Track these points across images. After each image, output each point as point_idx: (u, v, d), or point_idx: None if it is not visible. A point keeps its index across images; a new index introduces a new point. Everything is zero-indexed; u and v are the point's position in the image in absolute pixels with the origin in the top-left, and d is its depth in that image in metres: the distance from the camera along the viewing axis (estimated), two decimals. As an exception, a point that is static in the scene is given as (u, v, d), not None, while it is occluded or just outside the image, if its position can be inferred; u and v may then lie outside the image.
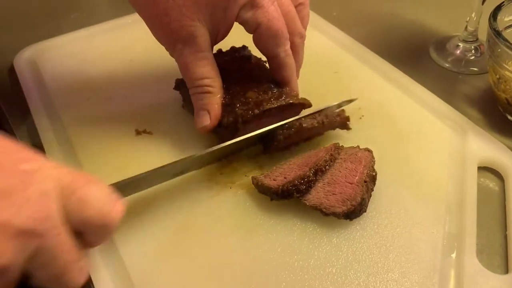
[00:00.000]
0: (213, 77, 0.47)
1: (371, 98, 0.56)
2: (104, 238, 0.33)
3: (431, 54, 0.66)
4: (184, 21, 0.44)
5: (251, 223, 0.44)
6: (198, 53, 0.46)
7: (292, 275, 0.40)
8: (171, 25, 0.44)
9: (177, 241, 0.42)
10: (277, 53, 0.48)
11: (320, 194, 0.43)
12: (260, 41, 0.47)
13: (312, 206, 0.43)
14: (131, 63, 0.63)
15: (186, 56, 0.46)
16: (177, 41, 0.45)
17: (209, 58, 0.47)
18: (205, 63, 0.46)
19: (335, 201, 0.43)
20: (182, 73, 0.48)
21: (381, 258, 0.41)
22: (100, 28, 0.69)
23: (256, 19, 0.45)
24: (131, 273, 0.40)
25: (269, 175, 0.45)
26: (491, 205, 0.46)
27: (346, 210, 0.42)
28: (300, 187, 0.43)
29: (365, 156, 0.46)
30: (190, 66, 0.46)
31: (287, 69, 0.49)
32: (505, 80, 0.52)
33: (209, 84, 0.47)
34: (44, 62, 0.64)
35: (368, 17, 0.74)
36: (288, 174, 0.45)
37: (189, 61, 0.46)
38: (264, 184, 0.44)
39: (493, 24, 0.51)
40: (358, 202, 0.42)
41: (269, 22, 0.45)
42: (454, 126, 0.53)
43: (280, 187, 0.43)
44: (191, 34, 0.45)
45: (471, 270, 0.40)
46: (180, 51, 0.46)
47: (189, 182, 0.47)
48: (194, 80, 0.47)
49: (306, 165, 0.45)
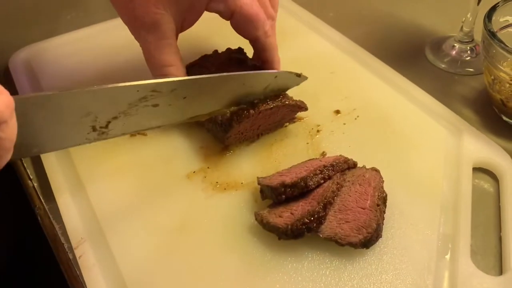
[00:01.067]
0: (177, 65, 0.47)
1: (367, 99, 0.56)
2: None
3: (427, 54, 0.66)
4: (148, 7, 0.44)
5: (246, 224, 0.43)
6: (162, 40, 0.46)
7: (286, 276, 0.40)
8: (135, 11, 0.45)
9: (172, 243, 0.42)
10: (257, 36, 0.49)
11: (332, 223, 0.41)
12: (238, 28, 0.49)
13: (326, 238, 0.40)
14: (126, 64, 0.62)
15: (149, 43, 0.46)
16: (141, 28, 0.45)
17: (173, 45, 0.47)
18: (168, 51, 0.46)
19: (350, 230, 0.40)
20: (145, 60, 0.48)
21: (375, 259, 0.41)
22: (96, 29, 0.69)
23: (228, 8, 0.46)
24: (125, 274, 0.40)
25: (274, 211, 0.42)
26: (486, 206, 0.46)
27: (363, 238, 0.39)
28: (311, 225, 0.40)
29: (373, 176, 0.44)
30: (154, 53, 0.46)
31: (269, 50, 0.50)
32: (499, 81, 0.52)
33: (172, 72, 0.47)
34: (39, 63, 0.63)
35: (364, 18, 0.74)
36: (295, 209, 0.41)
37: (152, 48, 0.46)
38: (270, 222, 0.41)
39: (488, 25, 0.51)
40: (374, 228, 0.40)
41: (242, 9, 0.46)
42: (449, 127, 0.53)
43: (289, 226, 0.40)
44: (155, 21, 0.45)
45: (465, 272, 0.40)
46: (144, 37, 0.46)
47: (184, 184, 0.47)
48: (157, 67, 0.47)
49: (313, 198, 0.42)
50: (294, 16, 0.70)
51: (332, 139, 0.51)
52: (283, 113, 0.50)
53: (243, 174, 0.48)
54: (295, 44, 0.64)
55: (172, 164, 0.49)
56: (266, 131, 0.52)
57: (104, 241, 0.42)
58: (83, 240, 0.43)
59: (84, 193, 0.47)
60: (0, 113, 0.27)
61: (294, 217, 0.41)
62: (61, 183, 0.48)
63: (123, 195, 0.46)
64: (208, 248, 0.42)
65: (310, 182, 0.42)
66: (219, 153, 0.50)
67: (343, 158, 0.46)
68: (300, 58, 0.62)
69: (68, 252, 0.43)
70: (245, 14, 0.47)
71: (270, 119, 0.50)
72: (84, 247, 0.42)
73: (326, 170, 0.43)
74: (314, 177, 0.42)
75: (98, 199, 0.46)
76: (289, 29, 0.67)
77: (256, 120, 0.48)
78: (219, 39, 0.62)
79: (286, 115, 0.51)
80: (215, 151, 0.50)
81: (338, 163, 0.44)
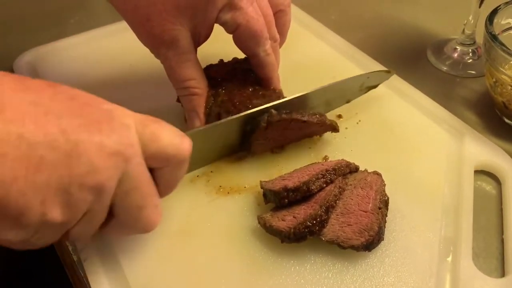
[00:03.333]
0: (198, 78, 0.48)
1: (369, 103, 0.56)
2: (177, 174, 0.37)
3: (429, 57, 0.66)
4: (165, 25, 0.45)
5: (249, 227, 0.44)
6: (182, 55, 0.47)
7: (289, 279, 0.40)
8: (153, 30, 0.45)
9: (176, 246, 0.43)
10: (257, 53, 0.49)
11: (335, 226, 0.41)
12: (239, 41, 0.49)
13: (328, 241, 0.41)
14: (130, 68, 0.63)
15: (170, 59, 0.47)
16: (161, 45, 0.46)
17: (192, 59, 0.48)
18: (189, 65, 0.47)
19: (352, 233, 0.41)
20: (168, 76, 0.49)
21: (377, 262, 0.41)
22: (100, 32, 0.70)
23: (234, 20, 0.46)
24: (129, 278, 0.40)
25: (276, 214, 0.42)
26: (488, 208, 0.47)
27: (365, 241, 0.40)
28: (313, 229, 0.40)
29: (375, 180, 0.45)
30: (175, 69, 0.47)
31: (267, 67, 0.50)
32: (501, 84, 0.52)
33: (194, 86, 0.48)
34: (43, 67, 0.64)
35: (366, 21, 0.74)
36: (298, 212, 0.42)
37: (173, 63, 0.47)
38: (273, 226, 0.41)
39: (489, 28, 0.52)
40: (375, 231, 0.40)
41: (248, 23, 0.47)
42: (451, 130, 0.53)
43: (292, 229, 0.40)
44: (174, 38, 0.46)
45: (467, 274, 0.40)
46: (164, 54, 0.47)
47: (188, 187, 0.47)
48: (179, 81, 0.48)
49: (316, 202, 0.42)
50: (296, 20, 0.70)
51: (334, 144, 0.51)
52: (313, 129, 0.50)
53: (246, 178, 0.48)
54: (297, 48, 0.65)
55: (175, 167, 0.49)
56: (290, 142, 0.51)
57: (109, 244, 0.43)
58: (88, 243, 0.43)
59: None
60: (186, 152, 0.35)
61: (297, 221, 0.41)
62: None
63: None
64: (211, 251, 0.42)
65: (313, 186, 0.42)
66: (223, 158, 0.50)
67: (345, 162, 0.46)
68: (301, 63, 0.62)
69: (73, 255, 0.43)
70: (250, 28, 0.47)
71: (300, 131, 0.50)
72: (89, 250, 0.42)
73: (328, 174, 0.44)
74: (316, 181, 0.43)
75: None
76: (290, 33, 0.66)
77: (286, 129, 0.48)
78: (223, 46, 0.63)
79: (315, 132, 0.51)
80: (219, 156, 0.50)
81: (340, 167, 0.45)
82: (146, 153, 0.33)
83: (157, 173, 0.35)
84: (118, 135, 0.31)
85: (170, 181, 0.37)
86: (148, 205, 0.34)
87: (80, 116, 0.30)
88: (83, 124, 0.30)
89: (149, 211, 0.35)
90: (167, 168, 0.35)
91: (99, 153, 0.30)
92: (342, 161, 0.46)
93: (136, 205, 0.34)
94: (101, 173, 0.30)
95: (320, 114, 0.48)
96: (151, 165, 0.34)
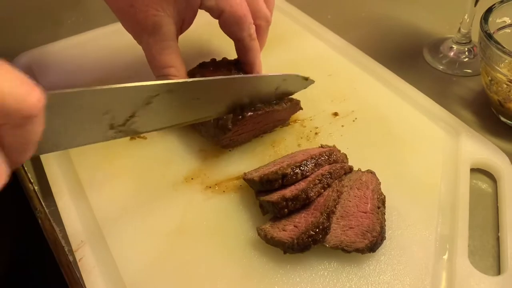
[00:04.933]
0: (178, 66, 0.48)
1: (365, 101, 0.56)
2: (23, 133, 0.29)
3: (425, 56, 0.66)
4: (149, 11, 0.45)
5: (244, 225, 0.44)
6: (163, 42, 0.47)
7: (284, 277, 0.40)
8: (136, 15, 0.46)
9: (172, 245, 0.43)
10: (242, 37, 0.50)
11: (336, 231, 0.41)
12: (225, 26, 0.50)
13: (332, 247, 0.40)
14: (127, 68, 0.63)
15: (151, 45, 0.47)
16: (143, 31, 0.47)
17: (173, 47, 0.48)
18: (170, 52, 0.47)
19: (355, 236, 0.40)
20: (148, 62, 0.49)
21: (373, 260, 0.41)
22: (96, 34, 0.70)
23: (218, 6, 0.47)
24: (125, 277, 0.40)
25: (276, 224, 0.41)
26: (484, 206, 0.47)
27: (369, 243, 0.39)
28: (317, 237, 0.39)
29: (370, 179, 0.44)
30: (156, 55, 0.47)
31: (251, 52, 0.51)
32: (497, 82, 0.52)
33: (173, 73, 0.48)
34: (40, 68, 0.64)
35: (362, 19, 0.75)
36: (298, 221, 0.41)
37: (154, 50, 0.47)
38: (275, 237, 0.40)
39: (484, 27, 0.52)
40: (378, 231, 0.40)
41: (231, 9, 0.47)
42: (447, 128, 0.53)
43: (295, 240, 0.39)
44: (156, 24, 0.46)
45: (463, 272, 0.40)
46: (146, 40, 0.47)
47: (183, 186, 0.47)
48: (159, 68, 0.48)
49: (316, 209, 0.41)
50: (292, 18, 0.71)
51: (330, 141, 0.51)
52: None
53: (241, 176, 0.48)
54: (293, 47, 0.65)
55: (171, 167, 0.49)
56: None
57: (104, 244, 0.43)
58: (83, 243, 0.43)
59: (84, 196, 0.47)
60: (33, 107, 0.28)
61: (299, 230, 0.40)
62: (61, 186, 0.48)
63: (122, 199, 0.47)
64: (207, 250, 0.42)
65: (311, 193, 0.41)
66: (218, 155, 0.50)
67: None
68: (297, 61, 0.62)
69: (69, 255, 0.43)
70: (233, 14, 0.48)
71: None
72: (84, 250, 0.42)
73: (325, 179, 0.43)
74: (314, 187, 0.42)
75: (98, 202, 0.46)
76: (286, 31, 0.67)
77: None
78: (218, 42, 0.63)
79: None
80: (213, 154, 0.50)
81: (336, 170, 0.44)
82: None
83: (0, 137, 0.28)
84: None
85: (16, 142, 0.29)
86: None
87: None
88: None
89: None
90: (7, 125, 0.28)
91: None
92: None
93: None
94: None
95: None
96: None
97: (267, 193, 0.43)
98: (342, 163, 0.46)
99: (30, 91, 0.28)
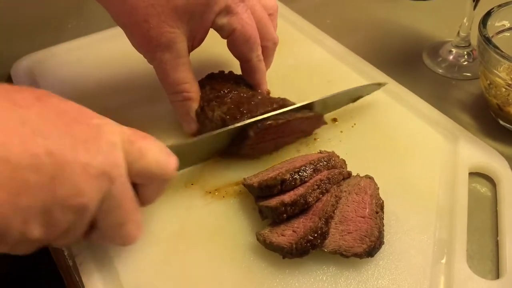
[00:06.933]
0: (191, 82, 0.49)
1: (363, 107, 0.56)
2: (159, 190, 0.37)
3: (424, 60, 0.66)
4: (163, 27, 0.45)
5: (244, 231, 0.44)
6: (177, 59, 0.47)
7: (283, 282, 0.40)
8: (150, 31, 0.45)
9: (171, 251, 0.43)
10: (250, 58, 0.50)
11: (335, 236, 0.41)
12: (234, 46, 0.50)
13: (331, 252, 0.40)
14: (128, 72, 0.63)
15: (165, 63, 0.47)
16: (156, 48, 0.46)
17: (187, 63, 0.48)
18: (184, 69, 0.48)
19: (353, 241, 0.40)
20: (160, 79, 0.49)
21: (371, 265, 0.41)
22: (97, 37, 0.70)
23: (230, 25, 0.47)
24: (124, 283, 0.40)
25: (275, 230, 0.41)
26: (483, 210, 0.47)
27: (367, 248, 0.40)
28: (315, 242, 0.39)
29: (368, 184, 0.45)
30: (170, 72, 0.47)
31: (258, 73, 0.51)
32: (495, 86, 0.52)
33: (188, 90, 0.48)
34: (41, 72, 0.64)
35: (361, 24, 0.75)
36: (297, 226, 0.41)
37: (168, 67, 0.47)
38: (274, 242, 0.40)
39: (483, 31, 0.52)
40: (376, 236, 0.40)
41: (243, 28, 0.48)
42: (445, 133, 0.53)
43: (294, 245, 0.39)
44: (171, 40, 0.46)
45: (461, 276, 0.40)
46: (160, 58, 0.47)
47: (182, 191, 0.48)
48: (173, 85, 0.48)
49: (314, 214, 0.41)
50: (291, 24, 0.71)
51: (329, 147, 0.51)
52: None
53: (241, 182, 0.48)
54: (292, 52, 0.65)
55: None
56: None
57: (104, 249, 0.43)
58: (84, 247, 0.43)
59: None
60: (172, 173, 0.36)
61: (298, 235, 0.40)
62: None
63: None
64: (207, 255, 0.42)
65: (310, 198, 0.41)
66: (218, 161, 0.50)
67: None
68: (297, 67, 0.63)
69: (68, 259, 0.43)
70: (244, 33, 0.48)
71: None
72: (84, 255, 0.43)
73: (323, 184, 0.43)
74: (312, 193, 0.42)
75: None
76: (286, 37, 0.67)
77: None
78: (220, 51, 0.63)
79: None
80: (213, 160, 0.50)
81: (334, 175, 0.44)
82: (131, 170, 0.33)
83: (140, 189, 0.35)
84: (104, 155, 0.31)
85: (152, 196, 0.37)
86: (129, 221, 0.35)
87: (67, 134, 0.29)
88: (69, 144, 0.29)
89: (129, 227, 0.35)
90: (150, 185, 0.36)
91: (84, 175, 0.29)
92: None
93: (117, 222, 0.34)
94: (85, 195, 0.30)
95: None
96: (135, 181, 0.34)
97: (266, 198, 0.43)
98: (340, 168, 0.46)
99: (169, 158, 0.36)
